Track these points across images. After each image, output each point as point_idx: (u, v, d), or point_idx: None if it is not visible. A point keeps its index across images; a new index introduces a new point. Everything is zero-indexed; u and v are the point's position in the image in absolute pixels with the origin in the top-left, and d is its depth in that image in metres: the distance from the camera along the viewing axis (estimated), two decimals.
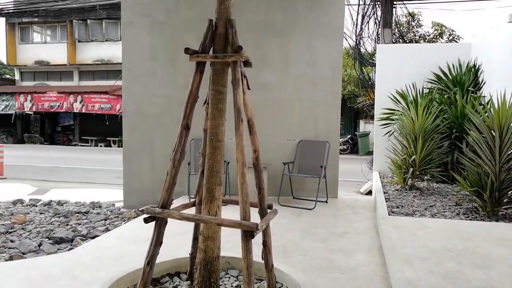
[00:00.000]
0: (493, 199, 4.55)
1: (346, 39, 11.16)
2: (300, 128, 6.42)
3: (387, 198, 5.58)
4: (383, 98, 8.06)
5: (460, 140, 6.38)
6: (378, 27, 11.19)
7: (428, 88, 7.77)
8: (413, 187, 6.22)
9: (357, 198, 6.80)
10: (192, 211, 2.76)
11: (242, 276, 2.95)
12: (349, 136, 19.53)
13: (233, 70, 2.45)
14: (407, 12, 14.49)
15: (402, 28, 16.11)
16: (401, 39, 13.29)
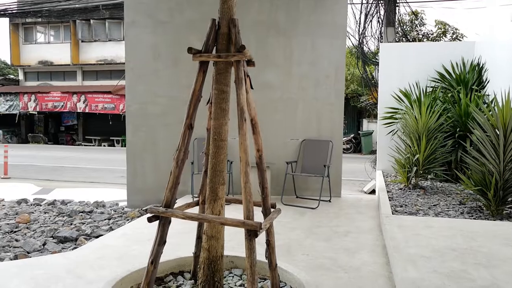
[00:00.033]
0: (497, 198, 4.52)
1: (349, 38, 11.20)
2: (303, 127, 6.42)
3: (391, 197, 5.56)
4: (386, 97, 8.03)
5: (464, 139, 6.36)
6: (381, 26, 11.16)
7: (431, 87, 7.74)
8: (416, 186, 6.20)
9: (360, 197, 6.79)
10: (196, 210, 2.77)
11: (245, 275, 2.95)
12: (352, 135, 19.51)
13: (236, 70, 2.45)
14: (410, 11, 14.46)
15: (406, 26, 16.07)
16: (404, 38, 13.26)
